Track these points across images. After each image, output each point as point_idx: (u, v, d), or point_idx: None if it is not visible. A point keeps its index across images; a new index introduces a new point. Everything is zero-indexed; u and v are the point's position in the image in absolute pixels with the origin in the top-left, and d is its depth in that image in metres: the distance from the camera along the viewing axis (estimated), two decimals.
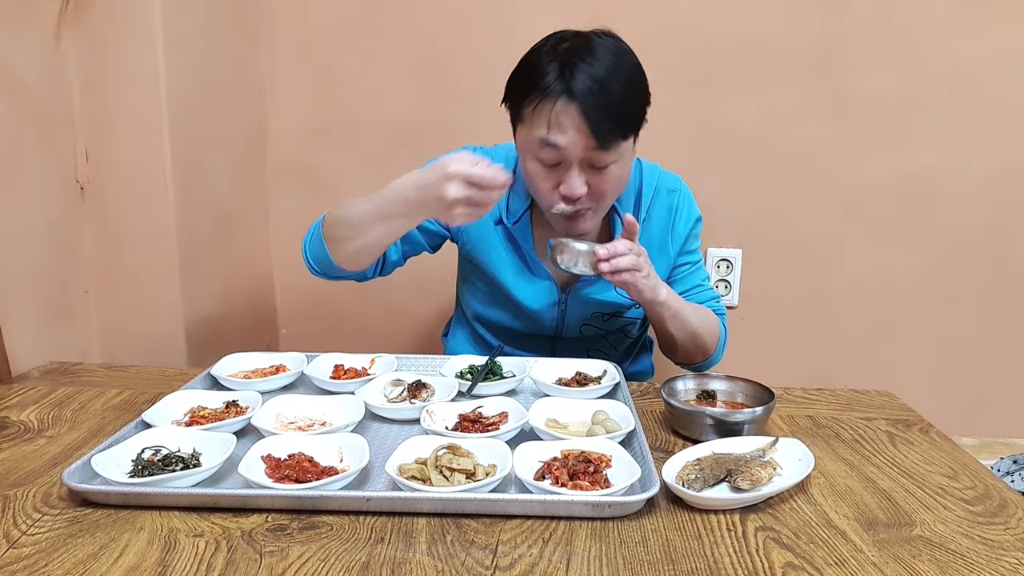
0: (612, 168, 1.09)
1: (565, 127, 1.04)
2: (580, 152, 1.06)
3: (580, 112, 1.03)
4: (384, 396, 1.06)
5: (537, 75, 1.06)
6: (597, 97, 1.03)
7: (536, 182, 1.12)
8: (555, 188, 1.10)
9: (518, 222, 1.25)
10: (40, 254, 1.34)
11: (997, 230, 1.82)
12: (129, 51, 1.38)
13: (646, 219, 1.26)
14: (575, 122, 1.04)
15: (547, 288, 1.27)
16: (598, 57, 1.05)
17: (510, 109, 1.14)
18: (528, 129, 1.08)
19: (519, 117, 1.10)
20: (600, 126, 1.03)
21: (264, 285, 1.93)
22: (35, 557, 0.68)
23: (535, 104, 1.06)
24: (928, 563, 0.70)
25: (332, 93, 1.84)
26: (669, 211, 1.28)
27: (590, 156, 1.07)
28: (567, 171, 1.08)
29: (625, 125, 1.07)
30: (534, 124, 1.07)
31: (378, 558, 0.69)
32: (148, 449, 0.84)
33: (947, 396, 1.89)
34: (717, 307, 1.32)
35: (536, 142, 1.07)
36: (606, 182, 1.10)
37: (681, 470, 0.83)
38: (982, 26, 1.72)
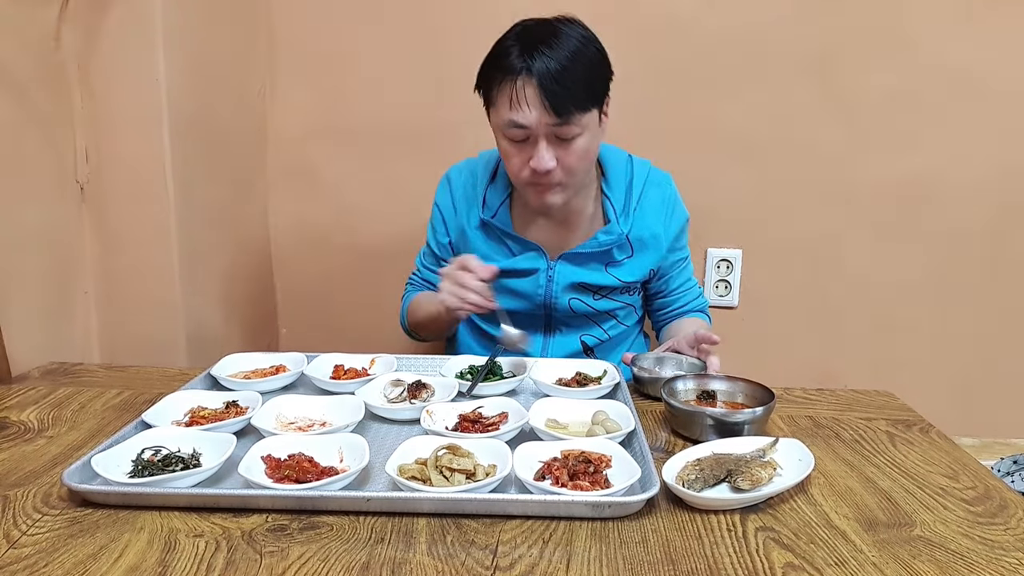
0: (578, 141, 1.15)
1: (526, 105, 1.11)
2: (544, 128, 1.12)
3: (538, 88, 1.10)
4: (384, 396, 1.06)
5: (501, 58, 1.14)
6: (554, 73, 1.09)
7: (509, 159, 1.19)
8: (527, 163, 1.16)
9: (496, 214, 1.31)
10: (40, 254, 1.34)
11: (997, 230, 1.82)
12: (129, 51, 1.38)
13: (637, 208, 1.31)
14: (534, 99, 1.10)
15: (534, 257, 1.32)
16: (557, 36, 1.12)
17: (482, 95, 1.21)
18: (496, 111, 1.16)
19: (489, 100, 1.18)
20: (558, 100, 1.10)
21: (264, 285, 1.93)
22: (35, 557, 0.68)
23: (499, 85, 1.14)
24: (928, 563, 0.70)
25: (332, 93, 1.84)
26: (663, 203, 1.34)
27: (554, 130, 1.13)
28: (535, 146, 1.14)
29: (583, 98, 1.12)
30: (500, 105, 1.14)
31: (378, 558, 0.69)
32: (148, 449, 0.84)
33: (947, 396, 1.89)
34: (703, 302, 1.45)
35: (504, 122, 1.14)
36: (572, 154, 1.16)
37: (681, 470, 0.83)
38: (982, 26, 1.72)
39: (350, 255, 1.93)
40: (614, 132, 1.70)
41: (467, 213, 1.35)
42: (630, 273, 1.33)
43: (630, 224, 1.30)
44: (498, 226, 1.31)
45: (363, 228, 1.91)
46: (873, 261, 1.86)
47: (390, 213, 1.89)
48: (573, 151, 1.16)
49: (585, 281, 1.32)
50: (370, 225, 1.91)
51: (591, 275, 1.32)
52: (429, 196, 1.43)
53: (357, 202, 1.89)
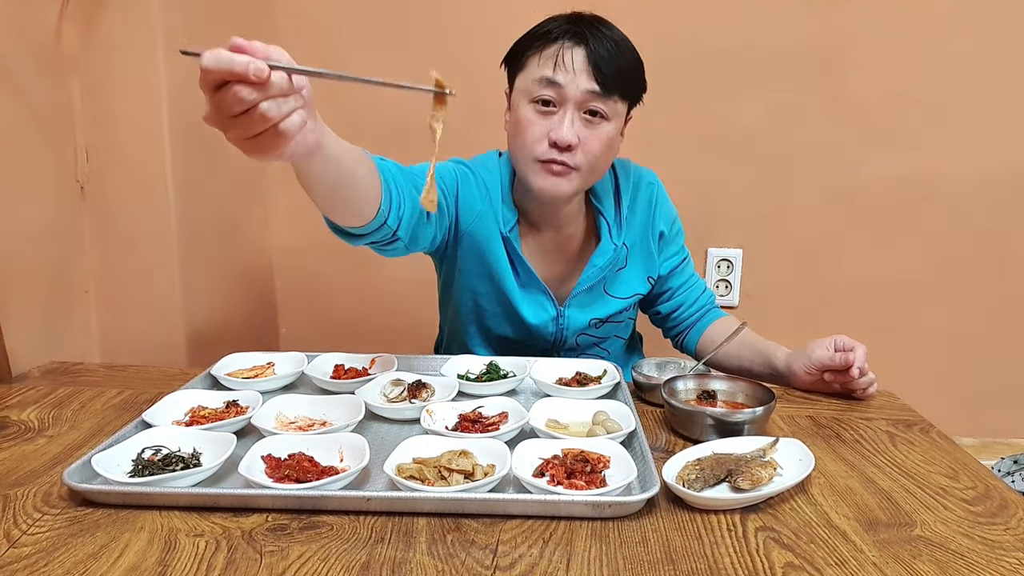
0: (605, 127, 1.10)
1: (569, 66, 1.06)
2: (579, 96, 1.07)
3: (586, 55, 1.06)
4: (384, 396, 1.06)
5: (545, 28, 1.09)
6: (605, 44, 1.06)
7: (527, 128, 1.10)
8: (546, 135, 1.09)
9: (512, 230, 1.22)
10: (40, 254, 1.34)
11: (997, 230, 1.82)
12: (129, 51, 1.38)
13: (628, 216, 1.26)
14: (580, 63, 1.06)
15: (543, 301, 1.26)
16: (606, 23, 1.10)
17: (510, 64, 1.15)
18: (528, 73, 1.10)
19: (521, 66, 1.12)
20: (605, 71, 1.06)
21: (264, 285, 1.93)
22: (35, 557, 0.68)
23: (539, 48, 1.09)
24: (928, 563, 0.70)
25: (333, 92, 1.84)
26: (649, 204, 1.28)
27: (589, 103, 1.08)
28: (561, 117, 1.08)
29: (624, 83, 1.09)
30: (536, 66, 1.09)
31: (378, 558, 0.69)
32: (148, 449, 0.84)
33: (947, 396, 1.89)
34: (712, 295, 1.39)
35: (537, 81, 1.08)
36: (597, 139, 1.09)
37: (681, 470, 0.83)
38: (982, 27, 1.72)
39: (350, 255, 1.93)
40: None
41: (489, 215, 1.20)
42: (628, 286, 1.29)
43: (622, 235, 1.25)
44: (515, 248, 1.21)
45: None
46: (873, 261, 1.86)
47: None
48: (598, 135, 1.09)
49: (594, 318, 1.28)
50: None
51: (597, 308, 1.28)
52: None
53: None
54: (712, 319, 1.35)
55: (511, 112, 1.16)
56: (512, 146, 1.17)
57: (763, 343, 1.26)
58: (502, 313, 1.27)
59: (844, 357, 1.11)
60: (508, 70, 1.17)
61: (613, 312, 1.29)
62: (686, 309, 1.36)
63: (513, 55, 1.15)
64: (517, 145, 1.14)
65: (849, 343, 1.13)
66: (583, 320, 1.28)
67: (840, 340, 1.14)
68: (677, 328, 1.38)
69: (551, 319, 1.26)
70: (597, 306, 1.28)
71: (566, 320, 1.27)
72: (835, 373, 1.14)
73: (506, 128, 1.19)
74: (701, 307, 1.36)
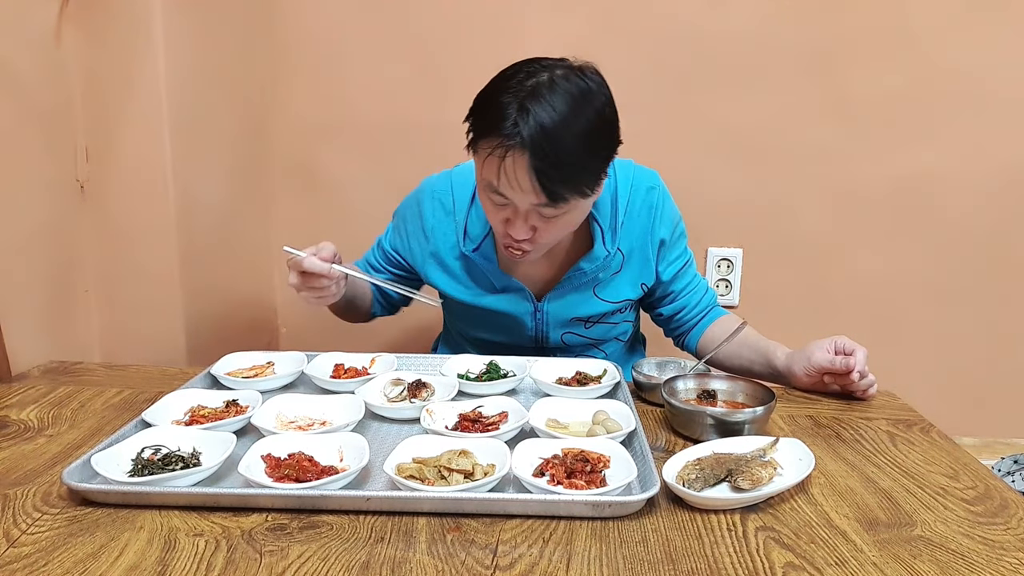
0: (563, 217, 1.05)
1: (514, 182, 0.99)
2: (528, 206, 1.02)
3: (530, 169, 0.96)
4: (384, 396, 1.06)
5: (497, 114, 0.98)
6: (550, 156, 0.95)
7: (489, 214, 1.11)
8: (503, 222, 1.08)
9: (479, 247, 1.22)
10: (40, 254, 1.34)
11: (997, 230, 1.82)
12: (129, 50, 1.38)
13: (625, 222, 1.22)
14: (524, 176, 0.97)
15: (520, 299, 1.25)
16: (557, 106, 0.96)
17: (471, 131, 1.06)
18: (480, 166, 1.04)
19: (475, 148, 1.04)
20: (551, 185, 0.98)
21: (264, 285, 1.93)
22: (35, 556, 0.68)
23: (487, 144, 0.99)
24: (929, 563, 0.70)
25: (333, 92, 1.84)
26: (650, 210, 1.23)
27: (539, 209, 1.03)
28: (515, 214, 1.05)
29: (578, 183, 1.01)
30: (486, 165, 1.02)
31: (378, 558, 0.69)
32: (148, 448, 0.84)
33: (947, 396, 1.89)
34: (713, 297, 1.36)
35: (486, 184, 1.04)
36: (553, 229, 1.07)
37: (681, 470, 0.82)
38: (983, 26, 1.72)
39: (350, 255, 1.93)
40: None
41: (443, 242, 1.25)
42: (619, 291, 1.26)
43: (617, 241, 1.22)
44: (479, 263, 1.23)
45: (363, 227, 1.90)
46: (873, 261, 1.86)
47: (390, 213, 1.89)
48: (555, 225, 1.06)
49: (576, 315, 1.26)
50: (370, 224, 1.90)
51: (581, 307, 1.26)
52: None
53: (357, 201, 1.89)
54: (714, 318, 1.33)
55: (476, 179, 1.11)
56: None
57: (764, 343, 1.25)
58: (480, 318, 1.30)
59: (845, 362, 1.11)
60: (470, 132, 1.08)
61: (598, 313, 1.27)
62: (689, 311, 1.33)
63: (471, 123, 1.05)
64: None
65: (850, 345, 1.12)
66: (563, 317, 1.26)
67: (840, 342, 1.13)
68: (679, 329, 1.36)
69: (528, 313, 1.26)
70: (582, 306, 1.26)
71: (544, 315, 1.26)
72: (835, 375, 1.14)
73: None
74: (704, 308, 1.34)
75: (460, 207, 1.25)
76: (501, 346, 1.32)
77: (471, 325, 1.35)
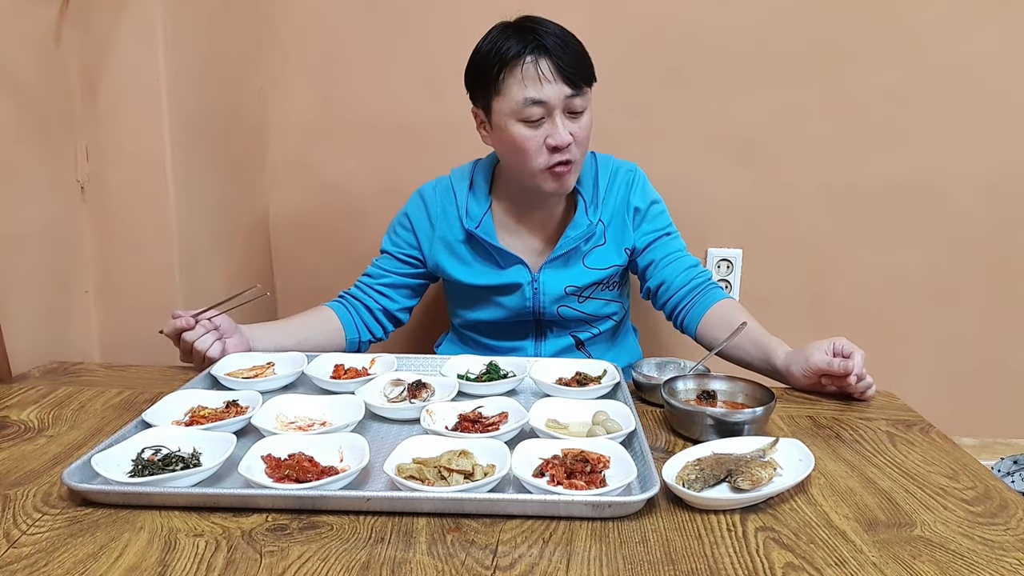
0: (585, 116, 1.22)
1: (545, 79, 1.17)
2: (560, 101, 1.18)
3: (553, 64, 1.17)
4: (384, 396, 1.06)
5: (501, 49, 1.18)
6: (565, 48, 1.18)
7: (525, 143, 1.21)
8: (543, 145, 1.20)
9: (480, 224, 1.33)
10: (40, 254, 1.34)
11: (998, 230, 1.82)
12: (129, 51, 1.38)
13: (605, 198, 1.35)
14: (551, 74, 1.17)
15: (517, 271, 1.34)
16: (546, 23, 1.20)
17: (479, 93, 1.25)
18: (507, 97, 1.19)
19: (495, 91, 1.20)
20: (573, 71, 1.18)
21: (264, 285, 1.93)
22: (35, 557, 0.68)
23: (508, 69, 1.18)
24: (928, 563, 0.70)
25: (333, 92, 1.84)
26: (626, 185, 1.36)
27: (568, 103, 1.19)
28: (552, 123, 1.19)
29: (588, 71, 1.21)
30: (513, 88, 1.18)
31: (378, 558, 0.69)
32: (148, 449, 0.84)
33: (947, 396, 1.89)
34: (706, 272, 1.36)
35: (520, 103, 1.18)
36: (583, 129, 1.22)
37: (681, 470, 0.83)
38: (983, 26, 1.71)
39: (350, 254, 1.93)
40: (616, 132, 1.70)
41: (447, 228, 1.36)
42: (605, 259, 1.35)
43: (599, 213, 1.33)
44: (483, 238, 1.32)
45: (363, 227, 1.91)
46: (873, 261, 1.86)
47: (390, 212, 1.89)
48: (583, 125, 1.22)
49: (569, 285, 1.34)
50: (370, 224, 1.90)
51: (572, 276, 1.34)
52: None
53: (357, 201, 1.89)
54: (713, 300, 1.31)
55: (498, 132, 1.24)
56: (512, 163, 1.27)
57: (765, 339, 1.24)
58: (481, 298, 1.38)
59: (843, 364, 1.10)
60: (476, 92, 1.26)
61: (591, 282, 1.35)
62: (673, 281, 1.34)
63: (482, 78, 1.22)
64: (517, 161, 1.25)
65: (848, 348, 1.12)
66: (559, 286, 1.34)
67: (839, 344, 1.13)
68: (671, 304, 1.36)
69: (527, 283, 1.34)
70: (574, 275, 1.34)
71: (540, 284, 1.34)
72: (833, 377, 1.14)
73: (487, 143, 1.31)
74: (692, 282, 1.34)
75: (460, 192, 1.37)
76: (504, 326, 1.39)
77: (476, 307, 1.40)
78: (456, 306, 1.46)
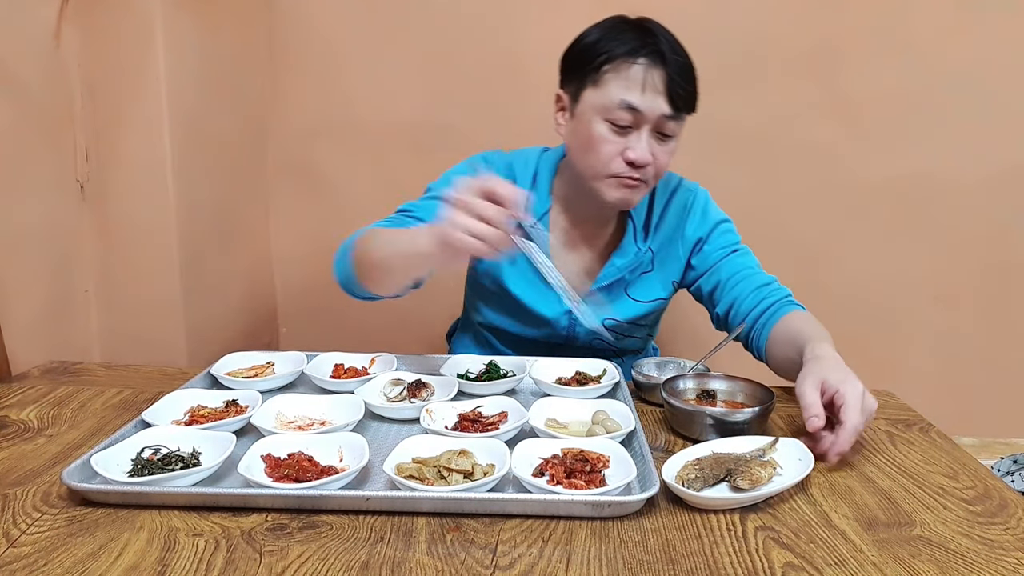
0: (671, 143, 1.13)
1: (651, 89, 1.07)
2: (655, 116, 1.09)
3: (664, 77, 1.07)
4: (384, 395, 1.06)
5: (613, 40, 1.08)
6: (681, 66, 1.08)
7: (601, 146, 1.11)
8: (619, 153, 1.11)
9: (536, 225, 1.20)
10: (40, 253, 1.34)
11: (997, 230, 1.82)
12: (129, 50, 1.38)
13: (659, 220, 1.26)
14: (660, 87, 1.07)
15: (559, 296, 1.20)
16: (669, 34, 1.10)
17: (573, 77, 1.13)
18: (602, 91, 1.09)
19: (593, 80, 1.10)
20: (680, 95, 1.08)
21: (264, 285, 1.93)
22: (35, 556, 0.68)
23: (617, 65, 1.08)
24: (928, 563, 0.70)
25: (333, 92, 1.84)
26: (683, 209, 1.27)
27: (661, 122, 1.10)
28: (637, 136, 1.10)
29: (694, 99, 1.12)
30: (613, 85, 1.08)
31: (378, 558, 0.69)
32: (148, 448, 0.84)
33: (947, 396, 1.89)
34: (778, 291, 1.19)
35: (614, 103, 1.08)
36: (665, 154, 1.13)
37: (681, 470, 0.82)
38: (982, 26, 1.72)
39: None
40: None
41: None
42: (650, 290, 1.26)
43: (649, 241, 1.24)
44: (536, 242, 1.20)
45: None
46: (873, 261, 1.86)
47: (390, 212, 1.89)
48: (666, 151, 1.13)
49: (609, 319, 1.25)
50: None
51: (614, 310, 1.25)
52: None
53: (357, 201, 1.89)
54: (780, 316, 1.15)
55: (577, 123, 1.14)
56: (580, 159, 1.16)
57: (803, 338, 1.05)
58: (512, 308, 1.28)
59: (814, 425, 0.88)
60: (571, 75, 1.15)
61: (633, 316, 1.26)
62: (742, 304, 1.19)
63: (582, 64, 1.11)
64: (588, 160, 1.14)
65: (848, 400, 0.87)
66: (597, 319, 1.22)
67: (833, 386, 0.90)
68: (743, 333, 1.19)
69: (564, 312, 1.26)
70: (615, 307, 1.26)
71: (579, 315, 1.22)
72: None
73: (560, 132, 1.20)
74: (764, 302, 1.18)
75: (522, 182, 1.24)
76: (528, 341, 1.30)
77: (504, 314, 1.29)
78: (481, 302, 1.33)
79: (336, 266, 1.17)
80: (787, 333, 1.11)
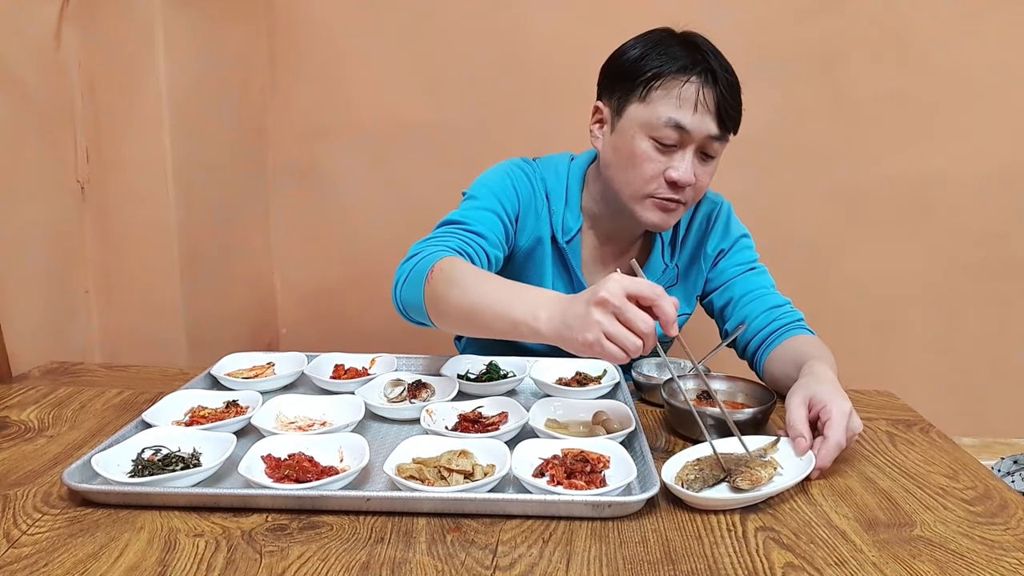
0: (714, 163, 1.11)
1: (700, 109, 1.04)
2: (701, 136, 1.06)
3: (716, 97, 1.05)
4: (384, 396, 1.06)
5: (666, 54, 1.06)
6: (731, 85, 1.06)
7: (643, 163, 1.08)
8: (661, 173, 1.08)
9: (571, 240, 1.19)
10: (40, 254, 1.34)
11: (997, 230, 1.82)
12: (129, 51, 1.38)
13: (684, 235, 1.24)
14: (711, 106, 1.05)
15: None
16: (716, 50, 1.08)
17: (617, 89, 1.10)
18: (650, 107, 1.06)
19: (639, 96, 1.07)
20: (730, 114, 1.06)
21: (264, 285, 1.93)
22: (35, 557, 0.68)
23: (667, 81, 1.05)
24: (928, 563, 0.70)
25: (333, 92, 1.84)
26: (705, 223, 1.25)
27: (707, 143, 1.07)
28: (681, 156, 1.07)
29: (739, 119, 1.10)
30: (662, 102, 1.05)
31: (378, 558, 0.69)
32: (148, 449, 0.84)
33: (947, 396, 1.89)
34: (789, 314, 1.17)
35: (662, 121, 1.05)
36: (706, 175, 1.11)
37: (681, 470, 0.82)
38: (982, 27, 1.72)
39: (350, 255, 1.93)
40: None
41: (536, 222, 1.18)
42: None
43: (676, 258, 1.23)
44: (569, 257, 1.19)
45: (363, 228, 1.91)
46: (873, 261, 1.86)
47: (390, 212, 1.89)
48: (708, 172, 1.10)
49: None
50: (370, 225, 1.91)
51: None
52: (430, 195, 1.43)
53: (357, 202, 1.89)
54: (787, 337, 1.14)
55: (619, 138, 1.10)
56: (618, 175, 1.12)
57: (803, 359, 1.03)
58: None
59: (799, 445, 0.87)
60: (613, 88, 1.11)
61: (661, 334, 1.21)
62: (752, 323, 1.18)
63: (628, 78, 1.08)
64: (628, 176, 1.10)
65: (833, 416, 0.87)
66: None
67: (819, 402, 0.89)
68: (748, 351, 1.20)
69: None
70: None
71: None
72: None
73: (595, 144, 1.16)
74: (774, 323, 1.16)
75: (555, 197, 1.20)
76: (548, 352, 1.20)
77: None
78: None
79: (401, 289, 1.05)
80: (790, 352, 1.10)
